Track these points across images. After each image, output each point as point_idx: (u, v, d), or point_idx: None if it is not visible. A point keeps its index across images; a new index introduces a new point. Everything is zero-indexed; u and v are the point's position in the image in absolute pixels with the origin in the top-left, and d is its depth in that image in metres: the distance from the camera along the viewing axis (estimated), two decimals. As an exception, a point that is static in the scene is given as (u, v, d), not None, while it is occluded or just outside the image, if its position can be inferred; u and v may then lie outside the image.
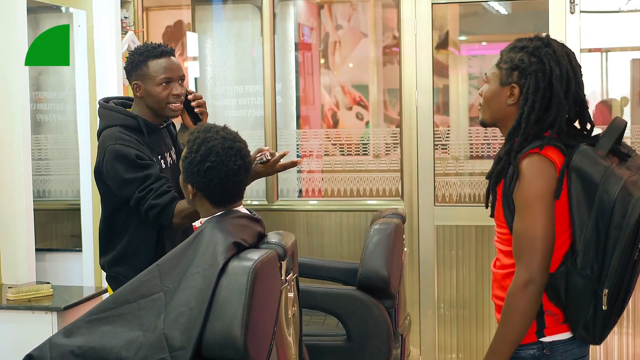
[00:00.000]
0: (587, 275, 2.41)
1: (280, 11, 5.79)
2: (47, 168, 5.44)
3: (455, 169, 5.34)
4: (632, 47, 5.93)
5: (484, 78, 2.65)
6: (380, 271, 4.03)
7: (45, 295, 3.96)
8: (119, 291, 2.71)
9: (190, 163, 2.78)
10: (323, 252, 5.36)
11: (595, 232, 2.38)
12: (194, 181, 2.78)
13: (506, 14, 6.46)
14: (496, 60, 2.60)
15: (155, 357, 2.45)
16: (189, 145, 2.80)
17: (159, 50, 3.35)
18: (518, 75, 2.52)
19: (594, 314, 2.43)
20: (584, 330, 2.47)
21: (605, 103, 5.93)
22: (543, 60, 2.50)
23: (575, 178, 2.42)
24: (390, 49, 6.74)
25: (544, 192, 2.43)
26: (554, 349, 2.51)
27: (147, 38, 5.67)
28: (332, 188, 5.54)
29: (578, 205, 2.42)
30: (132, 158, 3.22)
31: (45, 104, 5.49)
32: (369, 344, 4.04)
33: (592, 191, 2.39)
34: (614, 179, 2.37)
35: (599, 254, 2.39)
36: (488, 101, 2.61)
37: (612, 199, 2.35)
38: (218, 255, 2.54)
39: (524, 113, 2.50)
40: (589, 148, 2.46)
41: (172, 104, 3.35)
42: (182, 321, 2.46)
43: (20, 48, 4.27)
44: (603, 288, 2.38)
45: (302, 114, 6.16)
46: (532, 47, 2.53)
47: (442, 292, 5.30)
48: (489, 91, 2.60)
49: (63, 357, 2.55)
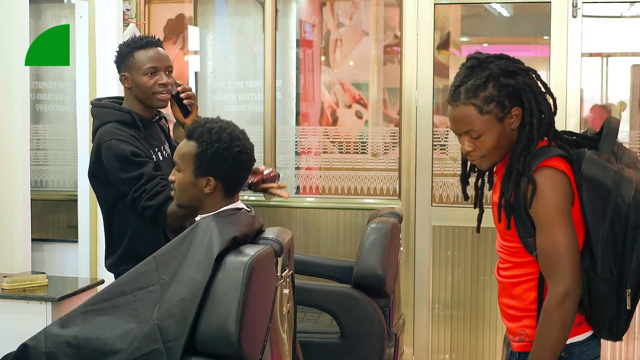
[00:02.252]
0: (608, 278, 2.44)
1: (282, 7, 5.79)
2: (45, 158, 5.44)
3: (453, 169, 5.33)
4: (632, 53, 5.94)
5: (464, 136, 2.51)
6: (376, 270, 4.04)
7: (40, 285, 3.96)
8: (115, 282, 2.72)
9: (215, 153, 2.77)
10: (319, 250, 5.36)
11: (612, 235, 2.42)
12: (218, 170, 2.78)
13: (508, 16, 6.46)
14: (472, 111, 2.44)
15: (149, 347, 2.46)
16: (204, 138, 2.79)
17: (144, 40, 3.38)
18: (510, 100, 2.45)
19: (617, 314, 2.48)
20: (608, 331, 2.52)
21: (603, 107, 5.93)
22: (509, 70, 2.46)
23: (588, 186, 2.43)
24: (391, 48, 6.74)
25: (562, 204, 2.42)
26: (571, 350, 2.52)
27: (149, 31, 5.67)
28: (330, 186, 5.53)
29: (592, 212, 2.43)
30: (127, 155, 3.22)
31: (44, 94, 5.48)
32: (363, 343, 4.04)
33: (605, 197, 2.42)
34: (626, 183, 2.42)
35: (617, 256, 2.42)
36: (497, 145, 2.49)
37: (627, 202, 2.39)
38: (213, 246, 2.55)
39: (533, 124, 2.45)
40: (594, 153, 2.48)
41: (159, 94, 3.36)
42: (176, 312, 2.47)
43: (22, 39, 4.26)
44: (626, 288, 2.43)
45: (301, 110, 6.16)
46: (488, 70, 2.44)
47: (436, 293, 5.30)
48: (493, 137, 2.47)
49: (58, 347, 2.55)
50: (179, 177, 2.85)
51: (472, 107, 2.44)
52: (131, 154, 3.22)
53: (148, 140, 3.36)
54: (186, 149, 2.83)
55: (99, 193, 3.39)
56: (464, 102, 2.45)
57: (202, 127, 2.81)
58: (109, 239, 3.41)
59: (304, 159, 5.65)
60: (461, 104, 2.45)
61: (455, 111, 2.48)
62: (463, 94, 2.45)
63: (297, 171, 5.62)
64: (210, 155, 2.77)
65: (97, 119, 3.41)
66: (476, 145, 2.50)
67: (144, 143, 3.32)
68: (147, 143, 3.34)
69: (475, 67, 2.47)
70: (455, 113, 2.48)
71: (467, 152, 2.54)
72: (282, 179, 3.48)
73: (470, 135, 2.49)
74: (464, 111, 2.45)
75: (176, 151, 2.89)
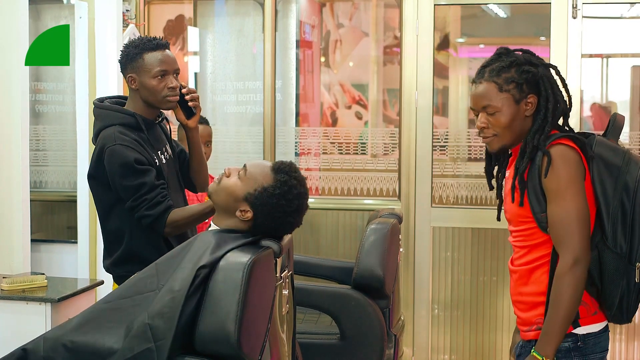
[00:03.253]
0: (618, 252, 2.56)
1: (282, 8, 5.79)
2: (44, 159, 5.44)
3: (453, 170, 5.34)
4: (633, 54, 5.93)
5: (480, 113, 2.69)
6: (376, 271, 4.03)
7: (40, 286, 3.95)
8: (119, 287, 2.73)
9: (276, 206, 2.71)
10: (319, 251, 5.36)
11: (621, 212, 2.56)
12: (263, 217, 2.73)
13: (504, 17, 6.46)
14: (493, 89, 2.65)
15: (141, 347, 2.45)
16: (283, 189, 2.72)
17: (154, 43, 3.34)
18: (528, 86, 2.63)
19: (627, 290, 2.58)
20: (619, 310, 2.61)
21: (603, 107, 5.92)
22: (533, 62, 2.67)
23: (599, 162, 2.59)
24: (391, 49, 6.73)
25: (575, 176, 2.56)
26: (586, 341, 2.62)
27: (148, 31, 5.67)
28: (330, 187, 5.53)
29: (602, 188, 2.58)
30: (131, 163, 3.19)
31: (44, 94, 5.48)
32: (363, 344, 4.04)
33: (615, 174, 2.58)
34: (633, 162, 2.58)
35: (627, 232, 2.56)
36: (509, 125, 2.66)
37: (636, 178, 2.56)
38: (207, 250, 2.55)
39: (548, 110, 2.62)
40: (603, 138, 2.66)
41: (169, 97, 3.33)
42: (166, 311, 2.47)
43: (21, 39, 4.26)
44: (636, 262, 2.55)
45: (301, 111, 6.16)
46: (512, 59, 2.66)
47: (436, 294, 5.30)
48: (508, 115, 2.65)
49: (55, 351, 2.55)
50: (234, 182, 2.78)
51: (493, 85, 2.65)
52: (135, 161, 3.19)
53: (151, 143, 3.34)
54: (262, 175, 2.75)
55: (97, 195, 3.37)
56: (486, 79, 2.66)
57: (290, 178, 2.74)
58: (106, 241, 3.40)
59: (304, 159, 5.65)
60: (484, 81, 2.67)
61: (477, 88, 2.69)
62: (487, 73, 2.67)
63: (296, 172, 5.61)
64: (272, 204, 2.72)
65: (99, 121, 3.37)
66: (491, 123, 2.67)
67: (147, 146, 3.30)
68: (149, 146, 3.32)
69: (502, 54, 2.70)
70: (478, 90, 2.69)
71: (480, 129, 2.71)
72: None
73: (487, 111, 2.67)
74: (486, 87, 2.66)
75: (254, 163, 2.82)
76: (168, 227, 3.22)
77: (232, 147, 5.50)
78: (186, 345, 2.48)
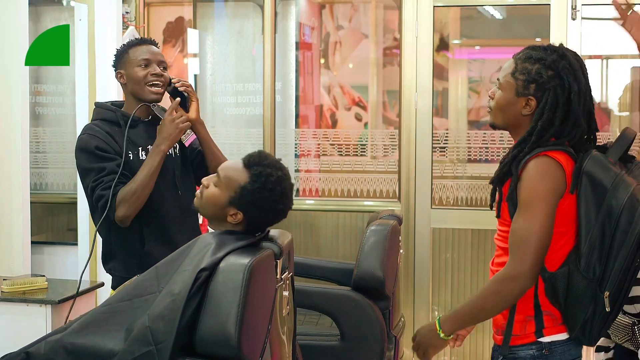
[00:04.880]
0: (590, 277, 2.46)
1: (281, 10, 5.79)
2: (44, 161, 5.44)
3: (452, 172, 5.34)
4: (632, 55, 5.93)
5: (496, 83, 2.66)
6: (376, 272, 4.03)
7: (40, 288, 3.95)
8: (118, 290, 2.73)
9: (260, 200, 2.71)
10: (319, 252, 5.36)
11: (601, 235, 2.44)
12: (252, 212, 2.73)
13: (501, 18, 6.46)
14: (510, 68, 2.60)
15: (142, 350, 2.45)
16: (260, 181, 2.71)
17: (138, 39, 3.48)
18: (535, 89, 2.56)
19: (592, 316, 2.48)
20: (581, 332, 2.51)
21: (602, 109, 5.93)
22: (561, 75, 2.54)
23: (586, 181, 2.48)
24: (391, 51, 6.74)
25: (547, 192, 2.48)
26: (552, 349, 2.55)
27: (148, 33, 5.67)
28: (330, 188, 5.54)
29: (586, 208, 2.47)
30: (92, 149, 3.27)
31: (44, 96, 5.48)
32: (363, 345, 4.04)
33: (601, 195, 2.45)
34: (623, 186, 2.44)
35: (603, 257, 2.44)
36: (502, 108, 2.63)
37: (621, 204, 2.41)
38: (207, 253, 2.55)
39: (537, 127, 2.53)
40: (600, 155, 2.52)
41: (153, 86, 3.38)
42: (166, 313, 2.47)
43: (21, 41, 4.26)
44: (604, 290, 2.44)
45: (301, 113, 6.16)
46: (550, 60, 2.55)
47: (436, 295, 5.30)
48: (503, 99, 2.61)
49: (56, 353, 2.55)
50: (213, 192, 2.78)
51: (513, 66, 2.60)
52: (96, 147, 3.27)
53: (131, 139, 3.35)
54: (235, 175, 2.75)
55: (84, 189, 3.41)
56: (515, 58, 2.62)
57: (263, 167, 2.73)
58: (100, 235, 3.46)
59: (304, 161, 5.65)
60: (514, 58, 2.62)
61: (506, 63, 2.65)
62: (521, 53, 2.62)
63: (296, 174, 5.62)
64: (255, 199, 2.72)
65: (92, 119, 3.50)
66: (494, 96, 2.65)
67: (118, 140, 3.32)
68: (128, 142, 3.33)
69: (549, 50, 2.60)
70: (505, 64, 2.65)
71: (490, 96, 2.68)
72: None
73: (497, 83, 2.64)
74: (509, 64, 2.63)
75: (225, 166, 2.84)
76: (120, 208, 3.23)
77: (232, 149, 5.50)
78: (186, 346, 2.48)
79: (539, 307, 2.54)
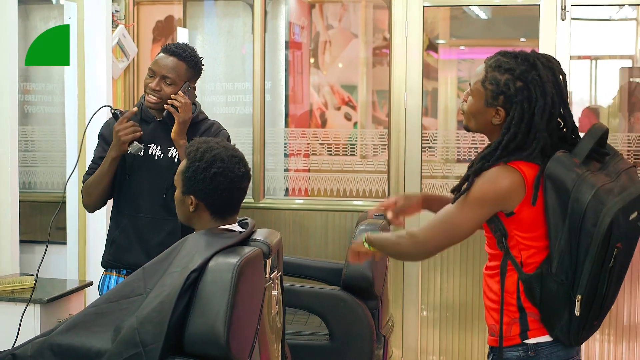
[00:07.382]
0: (562, 281, 2.45)
1: (271, 9, 5.79)
2: (33, 160, 5.42)
3: (442, 171, 5.34)
4: (621, 56, 5.96)
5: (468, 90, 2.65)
6: (365, 272, 4.04)
7: (29, 287, 3.95)
8: (106, 292, 2.74)
9: (194, 172, 2.77)
10: (308, 252, 5.36)
11: (569, 239, 2.42)
12: (197, 189, 2.78)
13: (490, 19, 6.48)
14: (480, 76, 2.57)
15: (130, 352, 2.45)
16: (190, 157, 2.80)
17: (164, 46, 3.54)
18: (504, 100, 2.52)
19: (569, 319, 2.47)
20: (560, 333, 2.51)
21: (592, 110, 5.95)
22: (529, 86, 2.50)
23: (550, 186, 2.45)
24: (380, 50, 6.75)
25: (488, 198, 2.50)
26: (538, 350, 2.54)
27: (138, 32, 5.66)
28: (319, 188, 5.54)
29: (553, 213, 2.45)
30: (98, 135, 3.58)
31: (33, 95, 5.47)
32: (352, 345, 4.04)
33: (565, 199, 2.41)
34: (585, 187, 2.39)
35: (572, 262, 2.42)
36: (473, 115, 2.62)
37: (583, 207, 2.38)
38: (195, 254, 2.56)
39: (502, 141, 2.51)
40: (565, 155, 2.47)
41: (149, 97, 3.47)
42: (154, 315, 2.47)
43: (10, 39, 4.25)
44: (576, 294, 2.43)
45: (290, 112, 6.16)
46: (519, 71, 2.51)
47: (425, 295, 5.31)
48: (474, 106, 2.60)
49: (42, 354, 2.55)
50: (176, 194, 2.88)
51: (483, 74, 2.57)
52: (100, 135, 3.58)
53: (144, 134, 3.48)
54: (180, 168, 2.85)
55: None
56: (486, 65, 2.58)
57: (191, 147, 2.84)
58: None
59: (293, 160, 5.65)
60: (485, 64, 2.59)
61: (478, 67, 2.63)
62: (492, 61, 2.57)
63: (286, 173, 5.62)
64: (190, 173, 2.79)
65: None
66: (467, 100, 2.64)
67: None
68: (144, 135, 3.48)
69: (520, 58, 2.54)
70: (477, 69, 2.63)
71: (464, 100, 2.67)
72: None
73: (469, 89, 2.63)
74: (480, 69, 2.59)
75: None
76: (84, 194, 3.54)
77: (222, 148, 5.47)
78: (175, 346, 2.48)
79: (522, 309, 2.54)
